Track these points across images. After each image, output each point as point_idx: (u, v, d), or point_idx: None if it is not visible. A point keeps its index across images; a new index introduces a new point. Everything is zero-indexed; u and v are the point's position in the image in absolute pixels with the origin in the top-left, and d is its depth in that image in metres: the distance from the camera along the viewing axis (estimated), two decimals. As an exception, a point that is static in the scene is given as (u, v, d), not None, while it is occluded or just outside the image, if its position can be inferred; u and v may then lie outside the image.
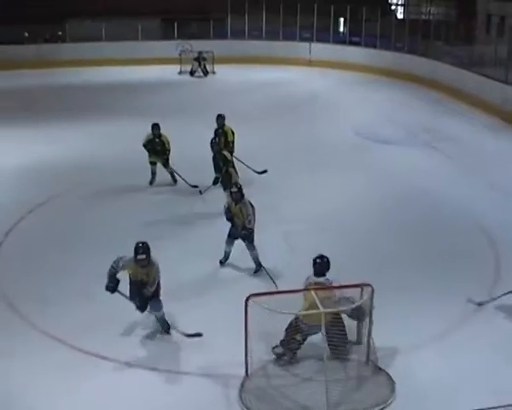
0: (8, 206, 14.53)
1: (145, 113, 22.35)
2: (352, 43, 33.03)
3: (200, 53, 30.59)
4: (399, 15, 39.19)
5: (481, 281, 11.36)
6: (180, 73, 30.96)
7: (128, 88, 27.64)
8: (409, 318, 10.12)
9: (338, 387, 8.38)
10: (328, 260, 9.21)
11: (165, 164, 15.59)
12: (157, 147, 15.31)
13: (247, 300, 8.28)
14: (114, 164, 17.09)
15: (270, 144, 18.59)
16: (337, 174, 16.12)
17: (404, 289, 10.88)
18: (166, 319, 9.78)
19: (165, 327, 9.81)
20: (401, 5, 41.79)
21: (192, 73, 30.67)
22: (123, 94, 26.33)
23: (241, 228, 11.41)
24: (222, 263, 11.84)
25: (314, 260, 9.26)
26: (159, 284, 9.57)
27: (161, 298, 9.62)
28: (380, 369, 8.93)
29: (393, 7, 40.84)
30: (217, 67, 30.71)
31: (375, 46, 31.82)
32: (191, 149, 17.02)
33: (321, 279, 9.02)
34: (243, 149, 15.90)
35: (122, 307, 10.06)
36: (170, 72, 30.36)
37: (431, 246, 12.59)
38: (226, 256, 11.86)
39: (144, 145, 15.39)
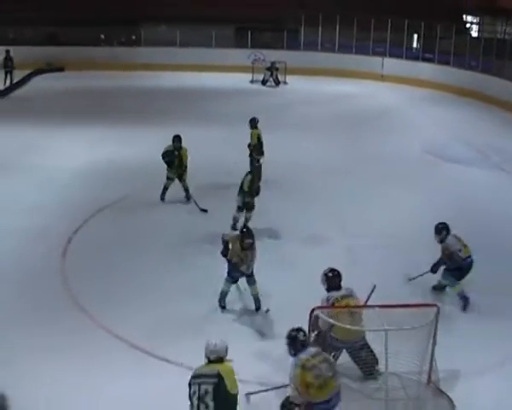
0: (79, 204, 14.87)
1: (215, 120, 22.69)
2: (424, 60, 32.74)
3: (272, 63, 30.76)
4: (474, 34, 38.71)
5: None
6: (252, 81, 31.17)
7: (200, 94, 27.93)
8: (473, 340, 10.01)
9: (398, 407, 8.34)
10: (339, 271, 9.18)
11: (180, 178, 15.14)
12: (175, 159, 14.92)
13: (312, 311, 8.31)
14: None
15: (338, 156, 18.62)
16: (404, 191, 15.99)
17: (467, 311, 10.78)
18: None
19: (257, 304, 10.66)
20: (476, 23, 41.30)
21: (264, 82, 30.83)
22: (194, 100, 26.62)
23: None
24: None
25: (326, 275, 9.20)
26: None
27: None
28: (441, 391, 8.85)
29: (468, 25, 40.37)
30: (288, 78, 30.83)
31: (448, 63, 31.49)
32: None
33: (343, 292, 9.00)
34: (311, 160, 16.04)
35: (184, 308, 10.29)
36: (242, 80, 30.59)
37: (498, 267, 12.39)
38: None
39: (162, 156, 14.94)
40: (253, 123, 16.04)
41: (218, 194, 15.24)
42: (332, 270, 9.23)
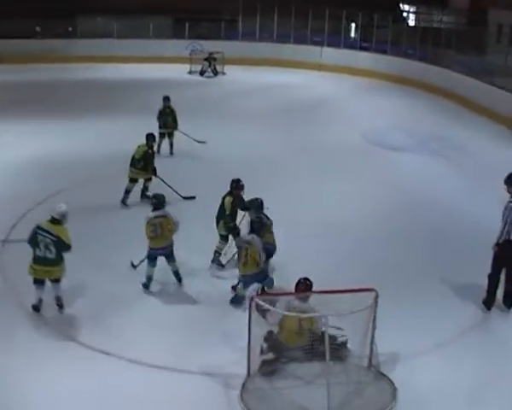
0: (16, 198, 14.54)
1: (154, 111, 22.43)
2: (362, 49, 33.01)
3: (210, 53, 30.65)
4: (411, 23, 39.13)
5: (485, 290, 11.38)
6: (190, 72, 30.98)
7: (138, 86, 27.62)
8: (412, 324, 10.10)
9: (339, 391, 8.36)
10: (311, 283, 9.16)
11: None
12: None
13: (252, 300, 8.28)
14: (122, 160, 17.10)
15: (277, 147, 18.58)
16: (344, 179, 16.08)
17: (408, 296, 10.86)
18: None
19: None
20: (413, 12, 41.76)
21: (202, 72, 30.70)
22: (132, 92, 26.33)
23: None
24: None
25: (298, 282, 9.24)
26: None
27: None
28: (382, 374, 8.92)
29: (405, 14, 40.78)
30: (227, 68, 30.73)
31: (385, 52, 31.79)
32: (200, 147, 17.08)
33: (305, 306, 8.88)
34: (250, 150, 15.99)
35: (125, 301, 10.21)
36: (180, 71, 30.37)
37: (437, 254, 12.56)
38: None
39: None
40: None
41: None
42: (305, 279, 9.20)
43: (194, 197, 14.57)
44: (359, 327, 8.88)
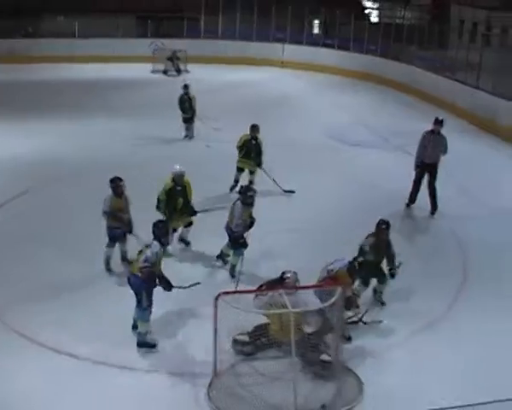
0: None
1: (118, 111, 22.36)
2: (325, 46, 33.12)
3: (173, 52, 30.53)
4: (373, 19, 39.40)
5: (451, 281, 11.52)
6: (153, 71, 30.82)
7: (101, 86, 27.38)
8: (378, 318, 10.18)
9: (306, 386, 8.40)
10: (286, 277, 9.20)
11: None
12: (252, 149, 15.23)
13: (217, 298, 8.26)
14: (86, 160, 17.05)
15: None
16: (307, 176, 16.10)
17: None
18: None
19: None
20: (375, 9, 42.07)
21: (165, 71, 30.57)
22: (95, 92, 26.08)
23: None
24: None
25: (282, 275, 9.28)
26: None
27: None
28: (348, 369, 8.96)
29: (368, 10, 41.06)
30: (190, 67, 30.58)
31: (348, 49, 31.94)
32: (166, 145, 17.03)
33: (290, 297, 8.77)
34: (214, 147, 16.08)
35: (91, 303, 10.15)
36: (143, 70, 30.17)
37: (402, 247, 12.63)
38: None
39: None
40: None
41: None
42: (287, 272, 9.27)
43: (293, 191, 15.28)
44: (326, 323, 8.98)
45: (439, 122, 14.61)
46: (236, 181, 15.11)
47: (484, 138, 20.78)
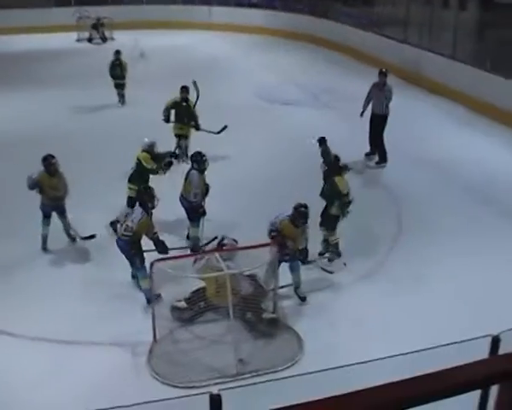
0: None
1: (45, 82, 21.89)
2: (251, 6, 32.93)
3: (98, 19, 29.96)
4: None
5: (386, 235, 11.68)
6: (78, 40, 30.22)
7: (24, 58, 26.73)
8: (315, 274, 10.27)
9: (246, 347, 8.46)
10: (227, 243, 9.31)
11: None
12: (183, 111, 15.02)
13: (152, 265, 8.22)
14: (13, 133, 16.69)
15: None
16: (237, 136, 16.05)
17: (310, 246, 10.95)
18: None
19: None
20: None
21: (90, 39, 30.03)
22: (19, 64, 25.43)
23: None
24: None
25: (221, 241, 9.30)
26: None
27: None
28: (288, 327, 9.04)
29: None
30: (115, 34, 30.10)
31: (275, 8, 31.82)
32: (96, 115, 16.77)
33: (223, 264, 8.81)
34: (146, 111, 15.99)
35: (26, 277, 9.99)
36: (68, 39, 29.55)
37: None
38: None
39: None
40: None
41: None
42: (226, 238, 9.40)
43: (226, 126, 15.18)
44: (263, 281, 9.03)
45: (383, 73, 15.00)
46: (180, 147, 14.98)
47: (411, 90, 20.98)
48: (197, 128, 14.98)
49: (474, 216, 12.61)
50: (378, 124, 14.90)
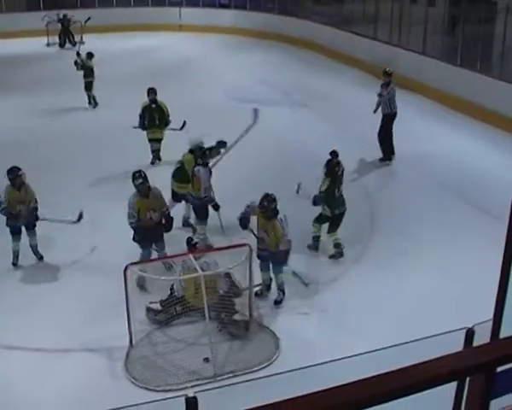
0: None
1: (16, 87, 21.71)
2: (221, 6, 32.89)
3: (66, 22, 29.59)
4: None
5: (360, 231, 11.72)
6: (48, 44, 29.98)
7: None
8: (289, 273, 10.27)
9: (223, 348, 8.45)
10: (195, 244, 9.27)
11: None
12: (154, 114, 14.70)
13: (126, 269, 8.18)
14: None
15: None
16: (211, 139, 15.99)
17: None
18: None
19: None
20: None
21: (61, 44, 29.78)
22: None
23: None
24: None
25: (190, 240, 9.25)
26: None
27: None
28: (264, 326, 9.04)
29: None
30: (86, 37, 29.84)
31: (245, 8, 31.79)
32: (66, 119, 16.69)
33: (200, 261, 8.86)
34: (115, 116, 15.92)
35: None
36: (38, 44, 29.31)
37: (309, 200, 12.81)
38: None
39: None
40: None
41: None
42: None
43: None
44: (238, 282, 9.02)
45: (386, 73, 15.27)
46: (154, 151, 14.86)
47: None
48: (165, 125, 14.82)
49: (444, 209, 12.68)
50: (385, 123, 15.00)
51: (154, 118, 14.66)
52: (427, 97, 19.26)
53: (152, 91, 14.70)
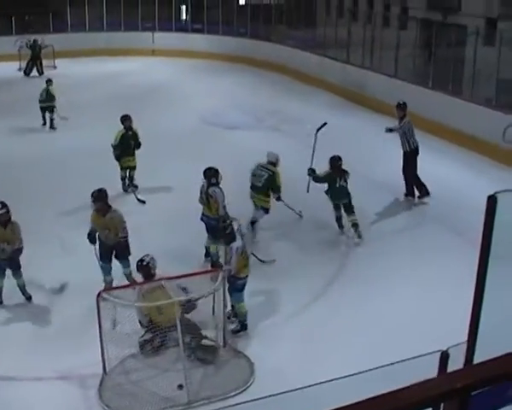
0: None
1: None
2: (194, 31, 33.02)
3: (38, 47, 29.02)
4: (241, 1, 39.47)
5: (333, 257, 11.71)
6: (20, 69, 29.69)
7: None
8: (264, 297, 10.25)
9: (197, 374, 8.38)
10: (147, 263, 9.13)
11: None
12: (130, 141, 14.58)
13: (98, 296, 8.11)
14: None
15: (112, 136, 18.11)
16: (184, 163, 15.92)
17: (256, 269, 10.71)
18: None
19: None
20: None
21: (25, 72, 29.05)
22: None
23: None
24: None
25: (140, 263, 9.16)
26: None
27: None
28: (238, 352, 8.99)
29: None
30: (57, 62, 29.71)
31: (217, 33, 31.93)
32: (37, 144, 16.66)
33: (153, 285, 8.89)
34: (88, 141, 15.92)
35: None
36: (9, 69, 29.06)
37: (289, 227, 12.82)
38: None
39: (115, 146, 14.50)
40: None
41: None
42: (144, 257, 9.18)
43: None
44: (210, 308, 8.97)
45: (399, 107, 14.22)
46: (130, 178, 14.80)
47: (355, 110, 21.18)
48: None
49: (419, 231, 12.73)
50: (407, 160, 13.97)
51: (130, 145, 14.56)
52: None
53: (127, 119, 14.61)
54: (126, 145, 14.54)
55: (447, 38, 20.65)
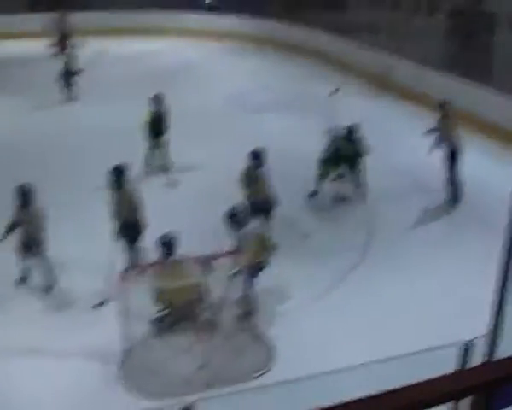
0: None
1: (21, 89, 21.74)
2: (221, 12, 32.76)
3: (68, 25, 29.02)
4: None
5: (358, 237, 11.71)
6: (48, 47, 29.58)
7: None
8: (285, 281, 10.26)
9: (217, 356, 8.41)
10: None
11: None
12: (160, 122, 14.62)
13: (120, 274, 8.18)
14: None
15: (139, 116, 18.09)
16: (209, 144, 15.99)
17: (279, 252, 10.80)
18: None
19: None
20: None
21: (61, 49, 29.14)
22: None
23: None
24: None
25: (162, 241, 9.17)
26: None
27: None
28: (258, 334, 9.02)
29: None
30: (85, 40, 29.40)
31: (247, 14, 31.69)
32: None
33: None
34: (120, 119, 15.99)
35: None
36: (36, 47, 28.93)
37: (311, 209, 12.83)
38: None
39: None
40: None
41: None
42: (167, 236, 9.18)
43: None
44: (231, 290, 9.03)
45: (440, 106, 13.76)
46: (162, 158, 14.81)
47: (381, 96, 21.02)
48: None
49: (451, 224, 12.74)
50: (446, 162, 13.55)
51: (160, 127, 14.57)
52: (425, 108, 19.21)
53: (157, 98, 14.63)
54: (155, 126, 14.54)
55: (478, 25, 20.39)
